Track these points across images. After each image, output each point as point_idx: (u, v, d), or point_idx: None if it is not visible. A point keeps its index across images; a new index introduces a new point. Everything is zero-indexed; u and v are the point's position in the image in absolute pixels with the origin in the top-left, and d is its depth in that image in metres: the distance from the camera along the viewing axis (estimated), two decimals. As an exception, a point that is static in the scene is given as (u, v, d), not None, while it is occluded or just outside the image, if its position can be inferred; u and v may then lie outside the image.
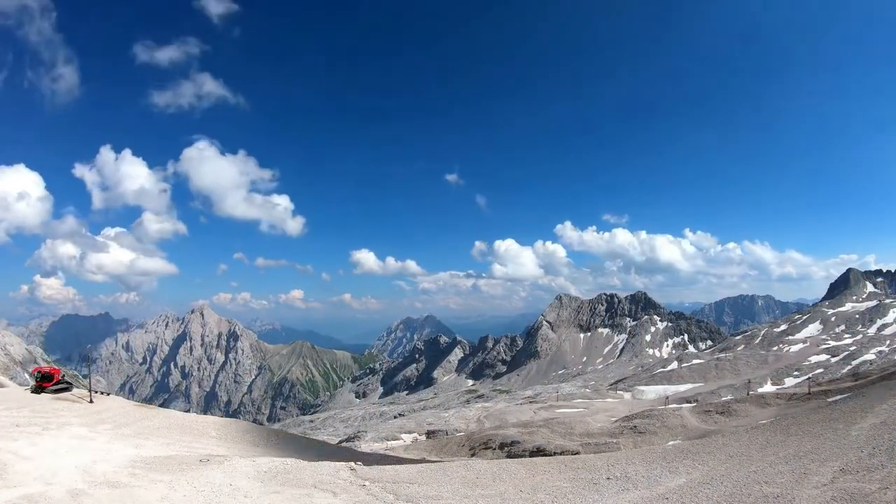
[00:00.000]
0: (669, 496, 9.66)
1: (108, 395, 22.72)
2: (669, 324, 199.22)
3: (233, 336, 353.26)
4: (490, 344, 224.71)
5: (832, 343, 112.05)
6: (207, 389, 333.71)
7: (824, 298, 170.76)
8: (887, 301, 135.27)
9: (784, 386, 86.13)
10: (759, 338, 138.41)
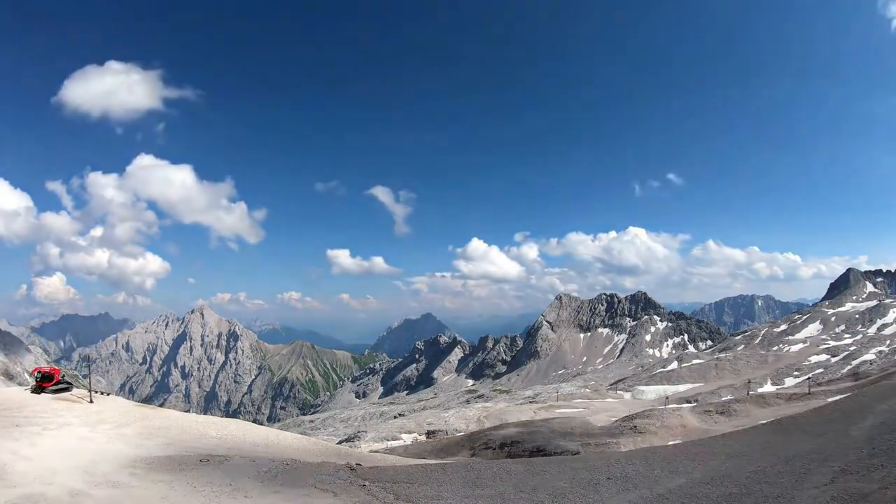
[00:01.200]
0: (669, 496, 9.66)
1: (108, 395, 22.70)
2: (669, 324, 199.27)
3: (233, 336, 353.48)
4: (490, 344, 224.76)
5: (832, 343, 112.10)
6: (207, 389, 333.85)
7: (824, 298, 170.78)
8: (887, 301, 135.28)
9: (784, 386, 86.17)
10: (759, 338, 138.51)
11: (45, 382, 20.58)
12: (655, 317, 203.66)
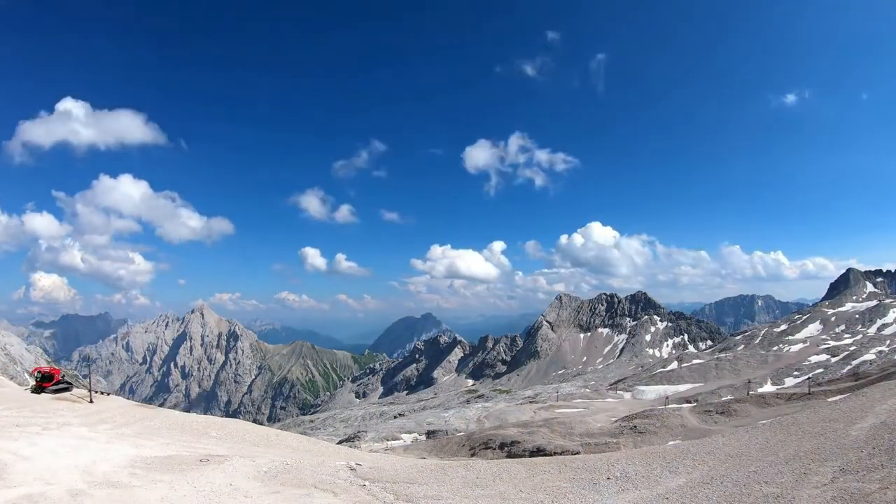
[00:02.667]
0: (669, 496, 9.66)
1: (108, 395, 22.72)
2: (669, 324, 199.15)
3: (233, 336, 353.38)
4: (490, 344, 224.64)
5: (832, 343, 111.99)
6: (207, 389, 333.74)
7: (824, 298, 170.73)
8: (887, 301, 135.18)
9: (784, 386, 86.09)
10: (759, 338, 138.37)
11: (45, 382, 20.63)
12: (655, 317, 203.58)
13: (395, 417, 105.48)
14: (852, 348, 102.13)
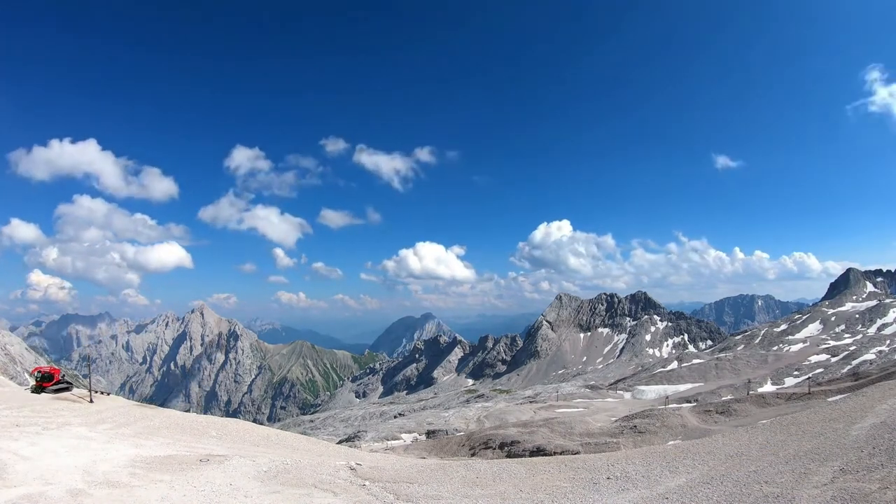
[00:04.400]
0: (669, 496, 9.66)
1: (108, 394, 22.72)
2: (669, 323, 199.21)
3: (233, 336, 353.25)
4: (490, 344, 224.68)
5: (832, 343, 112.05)
6: (207, 389, 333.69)
7: (824, 298, 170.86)
8: (887, 301, 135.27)
9: (784, 386, 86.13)
10: (759, 338, 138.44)
11: (45, 382, 20.64)
12: (655, 316, 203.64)
13: (395, 417, 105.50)
14: (852, 348, 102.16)
